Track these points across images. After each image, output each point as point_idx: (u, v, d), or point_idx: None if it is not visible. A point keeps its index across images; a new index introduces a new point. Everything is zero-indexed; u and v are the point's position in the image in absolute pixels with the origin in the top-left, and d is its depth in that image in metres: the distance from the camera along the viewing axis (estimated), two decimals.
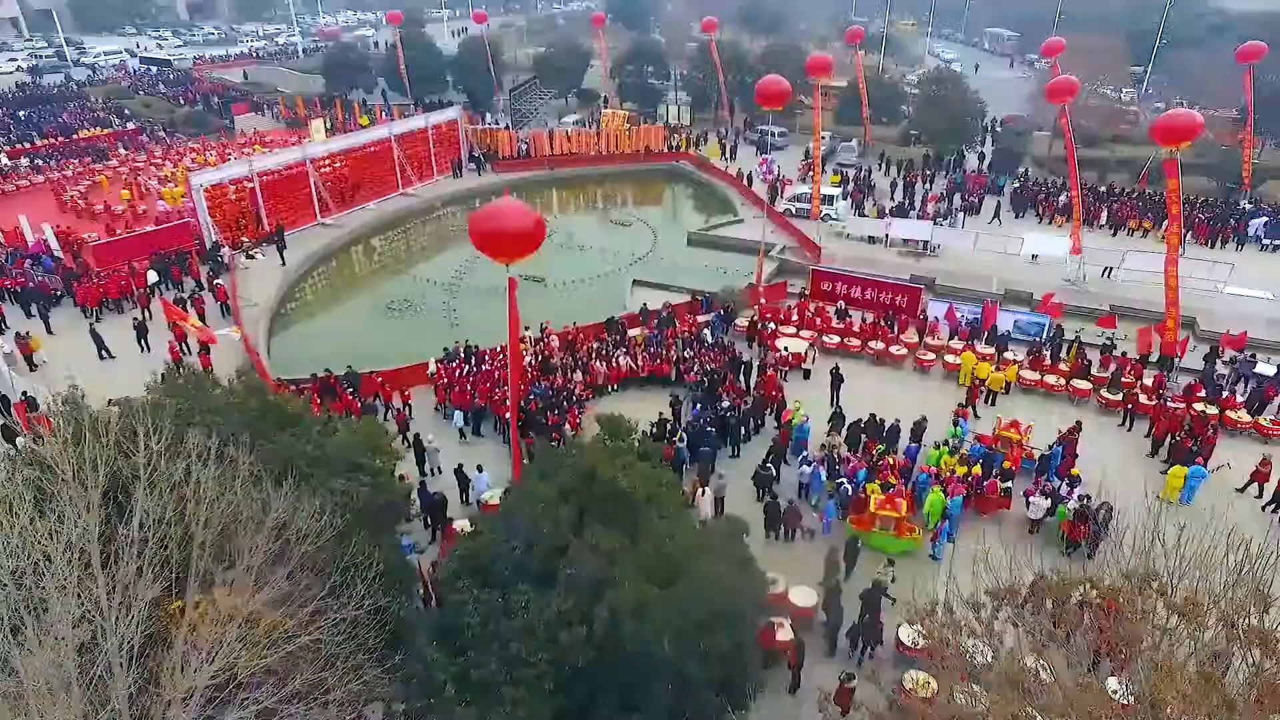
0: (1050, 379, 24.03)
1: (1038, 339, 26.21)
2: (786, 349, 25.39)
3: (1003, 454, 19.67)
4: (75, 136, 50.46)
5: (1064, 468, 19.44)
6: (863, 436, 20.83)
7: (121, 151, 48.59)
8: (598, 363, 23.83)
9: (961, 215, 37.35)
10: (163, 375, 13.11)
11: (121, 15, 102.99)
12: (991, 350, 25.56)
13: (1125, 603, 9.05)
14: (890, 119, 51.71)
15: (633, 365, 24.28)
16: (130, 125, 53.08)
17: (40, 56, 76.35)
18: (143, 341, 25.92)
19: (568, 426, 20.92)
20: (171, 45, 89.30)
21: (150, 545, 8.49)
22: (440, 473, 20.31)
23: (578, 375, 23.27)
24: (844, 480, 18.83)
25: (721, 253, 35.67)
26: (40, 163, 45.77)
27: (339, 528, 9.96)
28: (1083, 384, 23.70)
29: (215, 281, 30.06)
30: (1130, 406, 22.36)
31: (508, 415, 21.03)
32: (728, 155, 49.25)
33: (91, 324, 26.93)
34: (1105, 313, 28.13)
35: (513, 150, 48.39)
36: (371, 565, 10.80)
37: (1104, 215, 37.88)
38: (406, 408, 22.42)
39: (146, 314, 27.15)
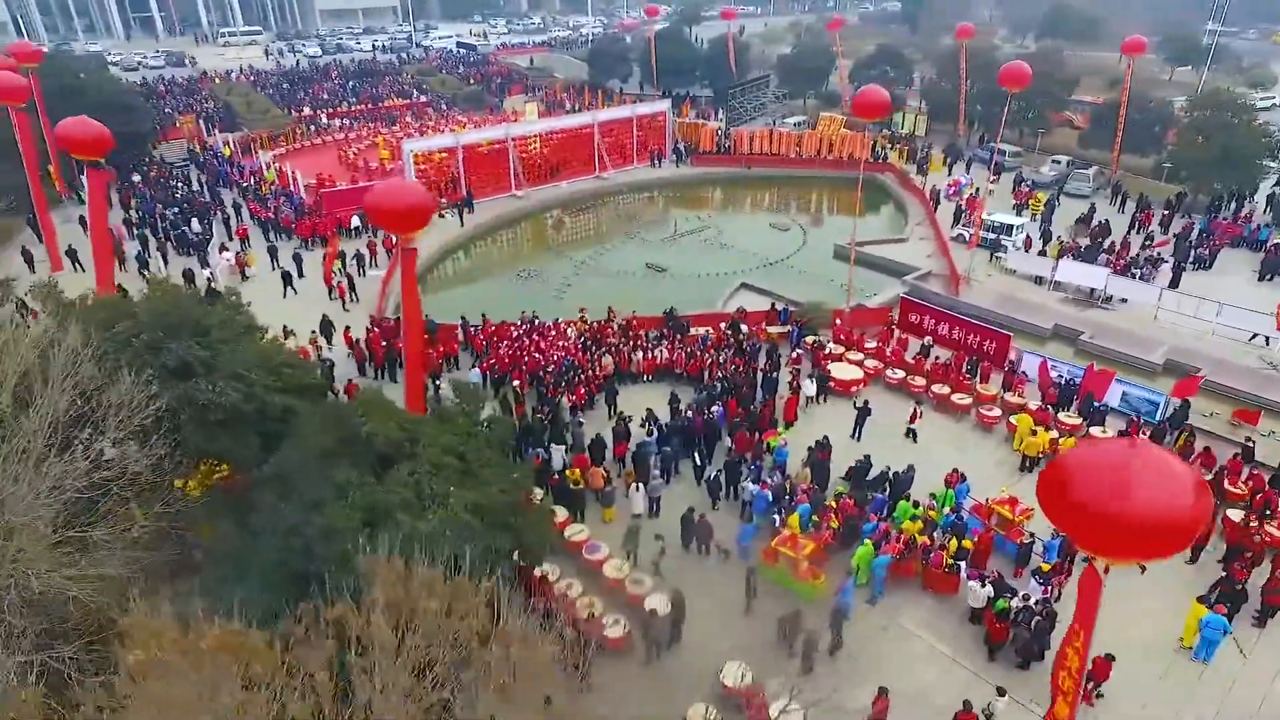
0: None
1: (1145, 418, 21.65)
2: (802, 367, 24.45)
3: (971, 528, 17.25)
4: (380, 105, 61.64)
5: (1057, 567, 16.56)
6: (830, 475, 19.55)
7: (408, 120, 58.47)
8: (628, 350, 24.76)
9: (1169, 267, 31.00)
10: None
11: (476, 5, 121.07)
12: (1080, 420, 21.85)
13: None
14: (1153, 148, 43.74)
15: (669, 359, 24.90)
16: (422, 99, 63.37)
17: (395, 39, 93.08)
18: (290, 287, 31.14)
19: (566, 400, 22.38)
20: (499, 32, 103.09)
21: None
22: None
23: (607, 359, 24.44)
24: (778, 511, 17.99)
25: (863, 270, 33.79)
26: (348, 123, 56.97)
27: (158, 413, 12.86)
28: None
29: None
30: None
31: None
32: (919, 170, 45.53)
33: (296, 250, 33.79)
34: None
35: (713, 146, 49.54)
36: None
37: None
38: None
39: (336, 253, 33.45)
